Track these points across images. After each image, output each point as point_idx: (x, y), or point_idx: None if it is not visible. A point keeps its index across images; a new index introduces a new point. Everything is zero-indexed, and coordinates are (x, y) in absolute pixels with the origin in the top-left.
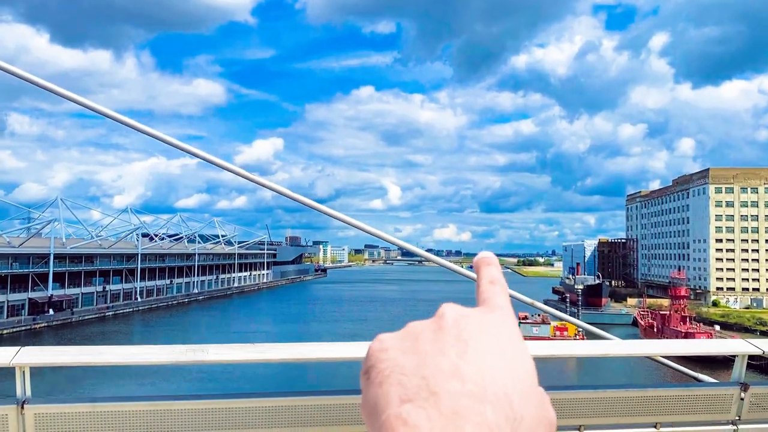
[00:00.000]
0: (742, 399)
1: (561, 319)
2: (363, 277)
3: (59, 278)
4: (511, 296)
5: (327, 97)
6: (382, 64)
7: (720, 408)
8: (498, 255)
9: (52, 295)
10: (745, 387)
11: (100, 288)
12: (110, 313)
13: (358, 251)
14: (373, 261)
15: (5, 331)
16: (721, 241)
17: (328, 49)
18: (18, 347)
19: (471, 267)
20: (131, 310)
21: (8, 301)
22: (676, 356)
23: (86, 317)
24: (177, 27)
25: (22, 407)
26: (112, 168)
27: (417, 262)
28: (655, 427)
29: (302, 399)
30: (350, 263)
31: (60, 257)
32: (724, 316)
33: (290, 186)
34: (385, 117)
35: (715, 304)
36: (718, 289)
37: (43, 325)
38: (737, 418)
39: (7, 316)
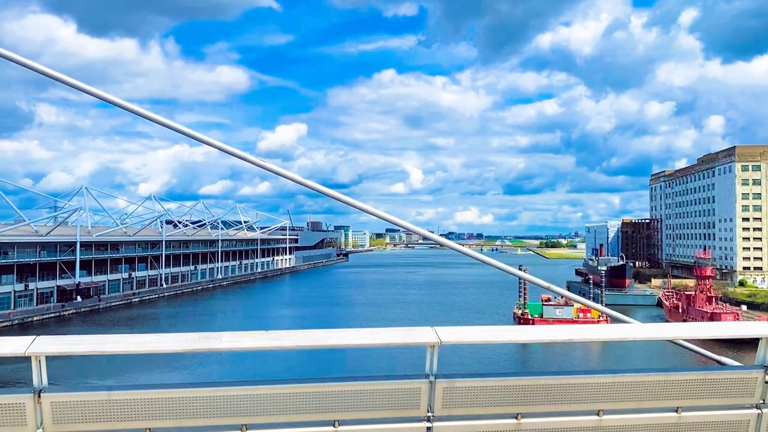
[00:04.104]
0: (766, 382)
1: (577, 302)
2: (385, 261)
3: (86, 266)
4: (528, 281)
5: (348, 82)
6: (404, 46)
7: (743, 392)
8: (520, 237)
9: (79, 282)
10: None
11: (126, 275)
12: (136, 300)
13: (379, 235)
14: (395, 245)
15: (35, 318)
16: (747, 219)
17: (348, 33)
18: (33, 336)
19: (493, 250)
20: (157, 296)
21: (37, 288)
22: (698, 339)
23: (113, 304)
24: (202, 14)
25: (39, 396)
26: (137, 156)
27: (438, 246)
28: (676, 411)
29: (314, 386)
30: (372, 247)
31: (86, 245)
32: (751, 295)
33: (312, 171)
34: (406, 100)
35: (741, 283)
36: (744, 268)
37: (71, 311)
38: (761, 401)
39: (37, 304)
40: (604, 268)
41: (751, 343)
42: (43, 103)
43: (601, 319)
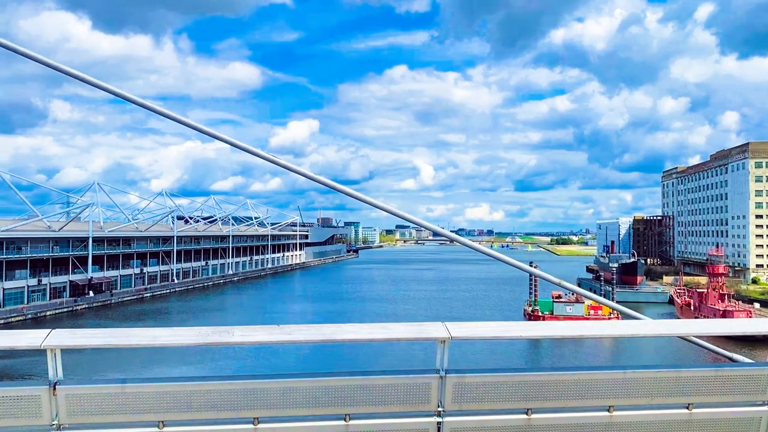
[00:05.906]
0: None
1: (589, 299)
2: (395, 257)
3: (98, 261)
4: (539, 277)
5: (359, 78)
6: (416, 42)
7: (755, 389)
8: (531, 234)
9: (91, 277)
10: None
11: (137, 270)
12: (148, 295)
13: (389, 231)
14: (405, 241)
15: (48, 313)
16: (761, 217)
17: (358, 29)
18: (48, 330)
19: (503, 246)
20: (168, 291)
21: (50, 283)
22: (710, 336)
23: (125, 299)
24: (214, 10)
25: (54, 388)
26: (150, 152)
27: (448, 242)
28: (687, 408)
29: (325, 380)
30: (382, 243)
31: (98, 240)
32: (764, 293)
33: (324, 167)
34: (418, 96)
35: (754, 281)
36: (757, 266)
37: (84, 306)
38: None
39: (50, 298)
40: (616, 265)
41: (764, 341)
42: (57, 99)
43: (612, 316)
